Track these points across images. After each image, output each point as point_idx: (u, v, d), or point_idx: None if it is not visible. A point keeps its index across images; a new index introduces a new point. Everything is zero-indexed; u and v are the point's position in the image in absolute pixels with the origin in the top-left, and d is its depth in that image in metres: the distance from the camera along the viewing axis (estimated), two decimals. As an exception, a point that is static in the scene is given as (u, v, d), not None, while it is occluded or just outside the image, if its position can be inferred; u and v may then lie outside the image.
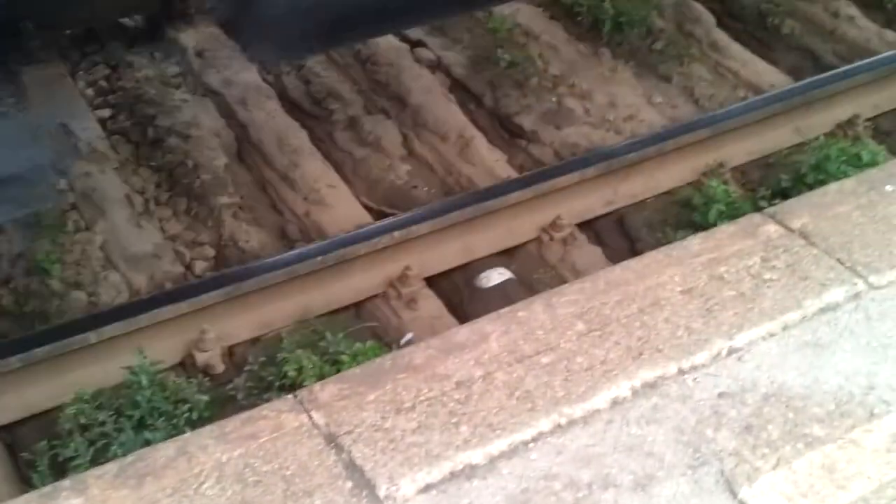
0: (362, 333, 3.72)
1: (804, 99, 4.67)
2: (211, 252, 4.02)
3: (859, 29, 5.50)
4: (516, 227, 4.12)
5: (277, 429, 2.29)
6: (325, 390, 2.39)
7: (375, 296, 3.88)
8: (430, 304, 3.83)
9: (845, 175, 4.00)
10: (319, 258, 3.69)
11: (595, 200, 4.28)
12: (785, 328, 2.58)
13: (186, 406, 3.26)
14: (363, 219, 4.13)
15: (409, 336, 3.69)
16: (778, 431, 2.31)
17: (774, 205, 3.15)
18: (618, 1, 5.46)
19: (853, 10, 5.63)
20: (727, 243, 2.83)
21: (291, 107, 4.82)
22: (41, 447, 3.15)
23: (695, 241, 2.88)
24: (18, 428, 3.38)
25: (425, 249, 3.92)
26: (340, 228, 4.01)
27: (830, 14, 5.60)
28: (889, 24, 5.65)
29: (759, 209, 3.34)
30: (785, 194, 4.08)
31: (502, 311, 2.64)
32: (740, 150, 4.58)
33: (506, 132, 4.82)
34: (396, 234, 3.80)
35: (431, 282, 3.95)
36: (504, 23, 5.31)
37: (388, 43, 5.12)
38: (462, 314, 3.86)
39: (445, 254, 3.99)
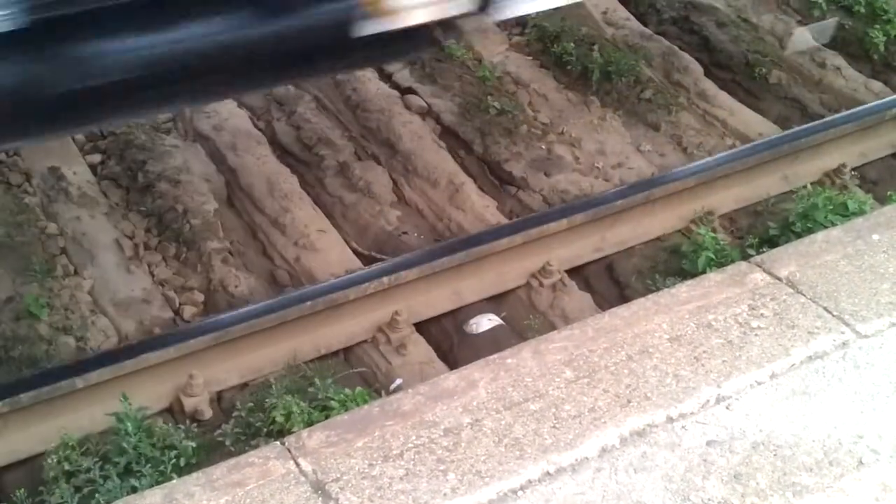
0: (351, 379, 3.71)
1: (792, 148, 4.71)
2: (200, 297, 4.01)
3: (846, 79, 5.57)
4: (506, 273, 4.13)
5: (264, 476, 2.28)
6: (313, 437, 2.38)
7: (365, 341, 3.88)
8: (420, 350, 3.83)
9: (832, 224, 4.03)
10: (308, 303, 3.69)
11: (584, 247, 4.30)
12: (773, 376, 2.58)
13: (174, 452, 3.24)
14: (353, 264, 4.14)
15: (398, 382, 3.68)
16: (766, 480, 2.31)
17: (762, 253, 3.17)
18: (606, 50, 5.52)
19: (840, 61, 5.70)
20: (715, 291, 2.84)
21: (282, 152, 4.84)
22: (26, 493, 3.13)
23: (682, 289, 2.88)
24: (4, 474, 3.35)
25: (415, 295, 3.92)
26: (330, 273, 4.01)
27: (817, 64, 5.67)
28: (875, 74, 5.73)
29: (746, 257, 3.35)
30: (773, 242, 4.11)
31: (490, 357, 2.64)
32: (729, 197, 4.61)
33: (495, 179, 4.84)
34: (386, 279, 3.81)
35: (421, 327, 3.95)
36: (494, 71, 5.35)
37: (378, 89, 5.16)
38: (451, 360, 3.86)
39: (435, 299, 4.00)
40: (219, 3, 2.90)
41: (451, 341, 4.01)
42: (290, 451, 2.34)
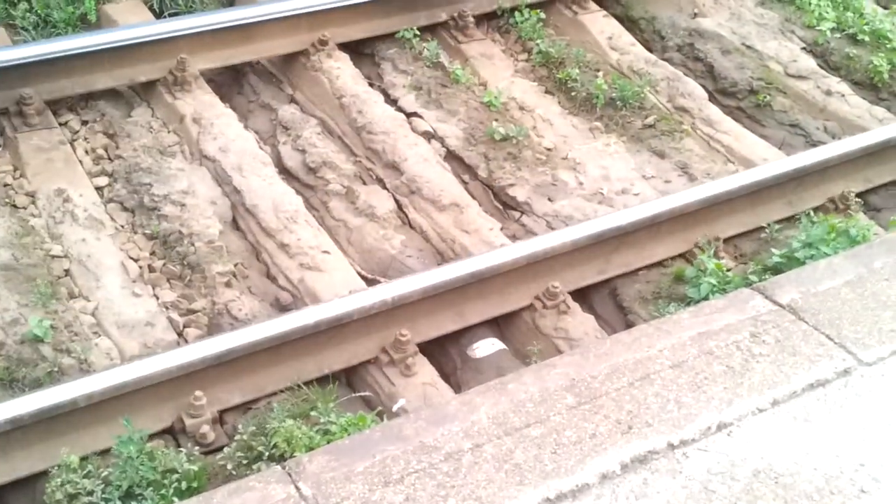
0: (353, 401, 3.71)
1: (796, 174, 4.72)
2: (204, 320, 4.02)
3: (850, 106, 5.58)
4: (510, 295, 4.14)
5: (264, 500, 2.28)
6: (314, 461, 2.39)
7: (368, 361, 3.88)
8: (423, 371, 3.83)
9: (836, 250, 4.03)
10: (313, 323, 3.69)
11: (588, 270, 4.31)
12: (774, 403, 2.58)
13: (175, 476, 3.24)
14: (357, 287, 4.14)
15: (401, 402, 3.69)
16: (767, 508, 2.31)
17: (765, 279, 3.17)
18: (611, 75, 5.55)
19: (844, 87, 5.72)
20: (717, 318, 2.85)
21: (287, 175, 4.85)
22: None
23: (685, 315, 2.89)
24: (5, 492, 3.35)
25: (419, 316, 3.92)
26: (334, 294, 4.01)
27: (822, 91, 5.69)
28: (879, 101, 5.75)
29: (749, 284, 3.36)
30: (776, 269, 4.10)
31: (492, 382, 2.65)
32: (733, 223, 4.61)
33: (500, 204, 4.85)
34: (390, 300, 3.81)
35: (424, 348, 3.95)
36: (499, 96, 5.37)
37: (384, 112, 5.17)
38: (455, 382, 3.86)
39: (439, 321, 4.00)
40: None
41: (454, 363, 4.01)
42: (290, 475, 2.35)
